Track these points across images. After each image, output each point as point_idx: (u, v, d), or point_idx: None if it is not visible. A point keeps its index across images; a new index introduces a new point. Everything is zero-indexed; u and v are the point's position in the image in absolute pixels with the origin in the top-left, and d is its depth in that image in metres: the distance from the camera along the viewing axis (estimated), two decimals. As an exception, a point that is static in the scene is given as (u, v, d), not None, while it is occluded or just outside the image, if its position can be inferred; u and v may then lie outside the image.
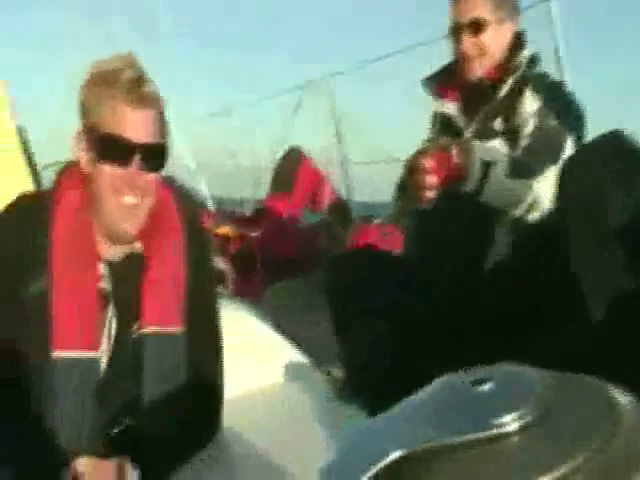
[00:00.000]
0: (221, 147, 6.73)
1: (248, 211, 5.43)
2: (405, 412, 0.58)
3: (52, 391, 1.43)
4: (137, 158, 1.44)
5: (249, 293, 3.01)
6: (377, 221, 4.11)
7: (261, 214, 4.61)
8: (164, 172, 1.57)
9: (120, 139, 1.43)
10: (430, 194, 1.68)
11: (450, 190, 1.69)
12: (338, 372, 1.91)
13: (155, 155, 1.49)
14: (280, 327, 2.18)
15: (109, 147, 1.44)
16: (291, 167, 4.52)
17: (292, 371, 2.00)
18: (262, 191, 5.38)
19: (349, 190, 4.40)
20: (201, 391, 1.58)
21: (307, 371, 1.99)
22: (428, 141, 2.13)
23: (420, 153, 1.69)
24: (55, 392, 1.43)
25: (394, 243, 3.37)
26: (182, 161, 5.91)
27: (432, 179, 1.65)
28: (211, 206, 5.46)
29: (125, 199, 1.46)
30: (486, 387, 0.53)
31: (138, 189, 1.46)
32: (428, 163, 1.65)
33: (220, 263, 3.28)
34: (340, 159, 4.34)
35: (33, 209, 1.53)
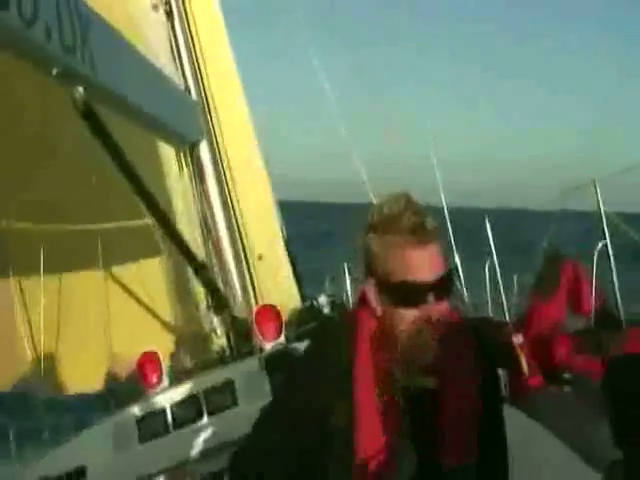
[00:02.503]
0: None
1: (507, 314, 5.40)
2: None
3: None
4: (430, 295, 1.50)
5: (515, 399, 2.99)
6: (650, 327, 3.87)
7: (523, 319, 4.55)
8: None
9: (414, 285, 1.48)
10: None
11: None
12: (619, 477, 1.84)
13: (445, 285, 1.53)
14: (553, 431, 2.16)
15: (404, 294, 1.50)
16: (553, 271, 4.44)
17: (571, 474, 1.96)
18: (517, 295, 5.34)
19: (616, 294, 4.20)
20: None
21: (587, 475, 1.94)
22: None
23: None
24: None
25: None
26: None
27: None
28: (472, 310, 5.53)
29: (422, 333, 1.51)
30: None
31: (432, 321, 1.51)
32: None
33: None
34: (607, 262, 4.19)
35: (337, 340, 1.63)
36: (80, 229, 4.53)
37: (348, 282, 6.58)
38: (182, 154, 4.86)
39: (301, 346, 1.75)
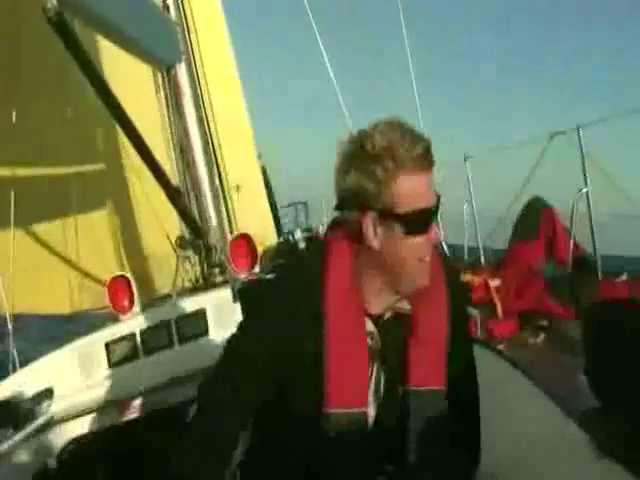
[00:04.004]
0: (456, 193, 6.78)
1: (482, 257, 5.43)
2: None
3: (323, 443, 1.52)
4: (434, 219, 1.49)
5: (493, 339, 3.03)
6: (624, 277, 3.91)
7: (501, 263, 4.58)
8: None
9: (426, 212, 1.46)
10: None
11: None
12: (593, 424, 1.84)
13: (438, 207, 1.51)
14: (528, 375, 2.16)
15: (415, 222, 1.46)
16: (533, 217, 4.45)
17: (543, 419, 1.97)
18: (498, 239, 5.36)
19: (594, 243, 4.22)
20: (462, 441, 1.64)
21: (559, 420, 1.95)
22: None
23: None
24: (326, 444, 1.52)
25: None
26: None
27: None
28: (447, 252, 5.53)
29: (426, 258, 1.51)
30: None
31: (431, 244, 1.51)
32: None
33: (469, 310, 3.32)
34: (586, 211, 4.19)
35: (307, 270, 1.59)
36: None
37: (325, 216, 6.53)
38: (160, 76, 4.69)
39: (274, 278, 1.71)
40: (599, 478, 1.67)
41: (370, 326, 1.57)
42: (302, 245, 5.17)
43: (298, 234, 5.40)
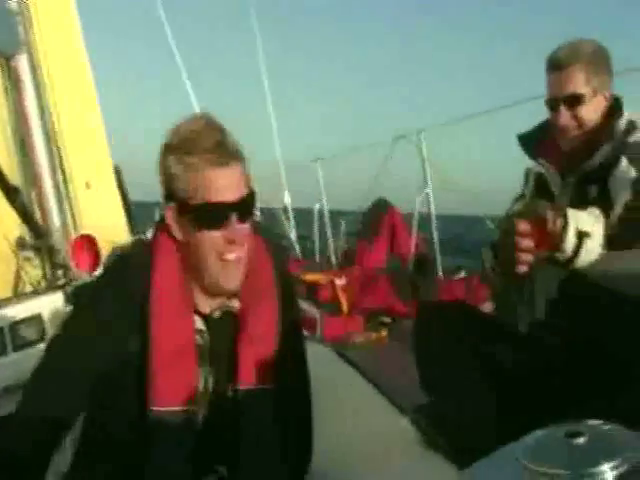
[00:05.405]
0: (309, 193, 6.90)
1: (332, 256, 5.56)
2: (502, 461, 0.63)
3: (149, 443, 1.51)
4: (233, 216, 1.48)
5: (337, 337, 3.10)
6: (462, 274, 4.13)
7: (347, 260, 4.70)
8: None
9: (216, 205, 1.46)
10: (525, 257, 1.62)
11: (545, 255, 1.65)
12: (423, 420, 1.93)
13: (247, 206, 1.53)
14: (365, 373, 2.23)
15: (206, 216, 1.48)
16: (378, 217, 4.61)
17: (376, 416, 2.04)
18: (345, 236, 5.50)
19: (434, 242, 4.44)
20: (293, 439, 1.66)
21: (392, 416, 2.02)
22: (520, 198, 2.14)
23: (515, 215, 1.66)
24: (152, 444, 1.51)
25: (479, 299, 3.39)
26: (273, 205, 6.05)
27: (528, 243, 1.60)
28: (298, 251, 5.61)
29: (227, 256, 1.51)
30: (580, 440, 0.56)
31: (236, 243, 1.51)
32: (523, 226, 1.60)
33: (310, 309, 3.38)
34: (427, 211, 4.40)
35: (132, 269, 1.58)
36: None
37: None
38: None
39: (100, 279, 1.67)
40: (427, 472, 1.75)
41: (200, 324, 1.57)
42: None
43: (150, 233, 5.27)
